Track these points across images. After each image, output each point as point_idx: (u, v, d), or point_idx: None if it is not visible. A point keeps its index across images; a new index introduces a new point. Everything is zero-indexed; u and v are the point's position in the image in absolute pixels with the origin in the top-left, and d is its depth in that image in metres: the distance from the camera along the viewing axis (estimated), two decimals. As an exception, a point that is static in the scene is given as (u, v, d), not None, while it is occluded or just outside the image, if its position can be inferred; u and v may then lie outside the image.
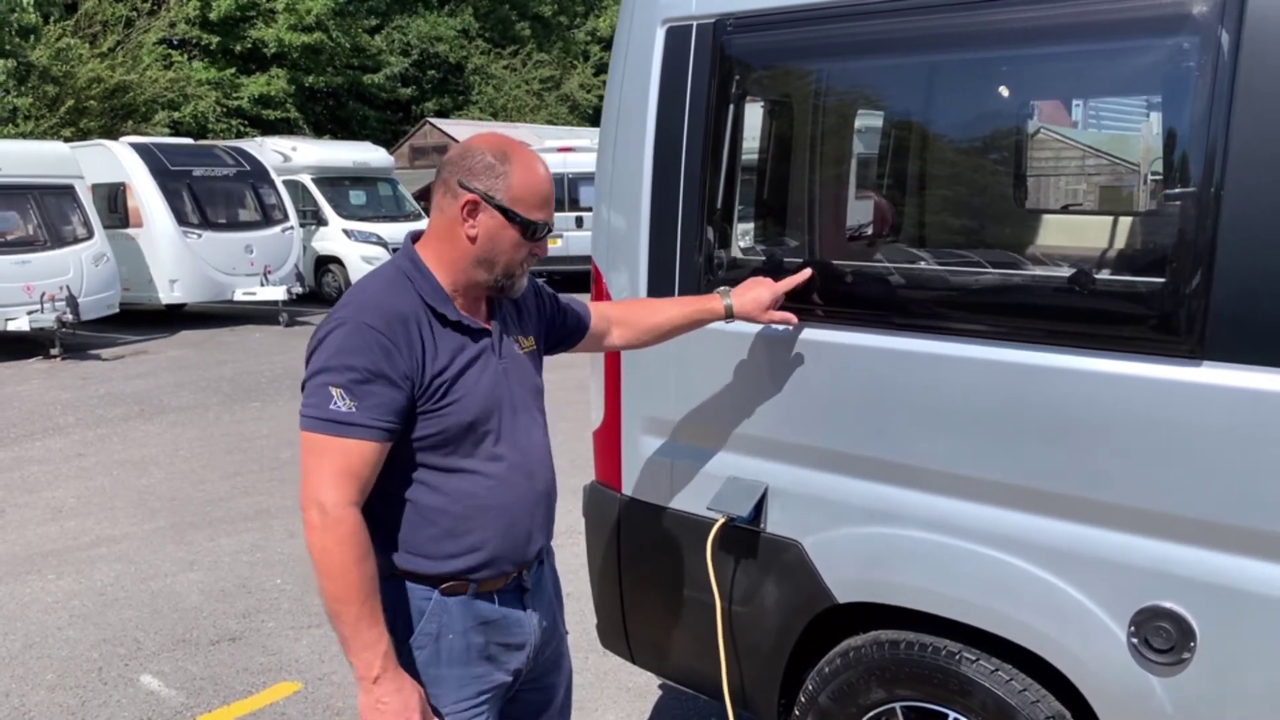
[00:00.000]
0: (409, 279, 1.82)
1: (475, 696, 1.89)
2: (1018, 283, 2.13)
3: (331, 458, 1.68)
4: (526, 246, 1.84)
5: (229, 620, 4.25)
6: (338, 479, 1.67)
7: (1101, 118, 4.40)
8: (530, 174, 1.81)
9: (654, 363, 2.54)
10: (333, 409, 1.67)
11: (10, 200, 11.77)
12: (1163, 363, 1.83)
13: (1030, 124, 2.35)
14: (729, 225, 2.45)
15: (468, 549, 1.83)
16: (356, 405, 1.67)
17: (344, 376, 1.68)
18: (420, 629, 1.84)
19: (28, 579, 4.76)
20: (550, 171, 1.87)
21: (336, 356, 1.69)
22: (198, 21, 25.67)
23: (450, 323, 1.81)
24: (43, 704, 3.57)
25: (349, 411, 1.67)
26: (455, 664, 1.87)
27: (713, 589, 2.44)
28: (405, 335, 1.73)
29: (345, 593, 1.67)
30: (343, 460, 1.67)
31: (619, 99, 2.58)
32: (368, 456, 1.69)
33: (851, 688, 2.29)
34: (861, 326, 2.22)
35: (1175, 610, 1.85)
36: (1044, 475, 1.98)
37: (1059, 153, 4.84)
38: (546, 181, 1.84)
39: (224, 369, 10.46)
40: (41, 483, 6.40)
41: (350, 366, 1.68)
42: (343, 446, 1.68)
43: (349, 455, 1.68)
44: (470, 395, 1.80)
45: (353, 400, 1.67)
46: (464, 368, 1.80)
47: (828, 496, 2.30)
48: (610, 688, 3.60)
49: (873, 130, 2.53)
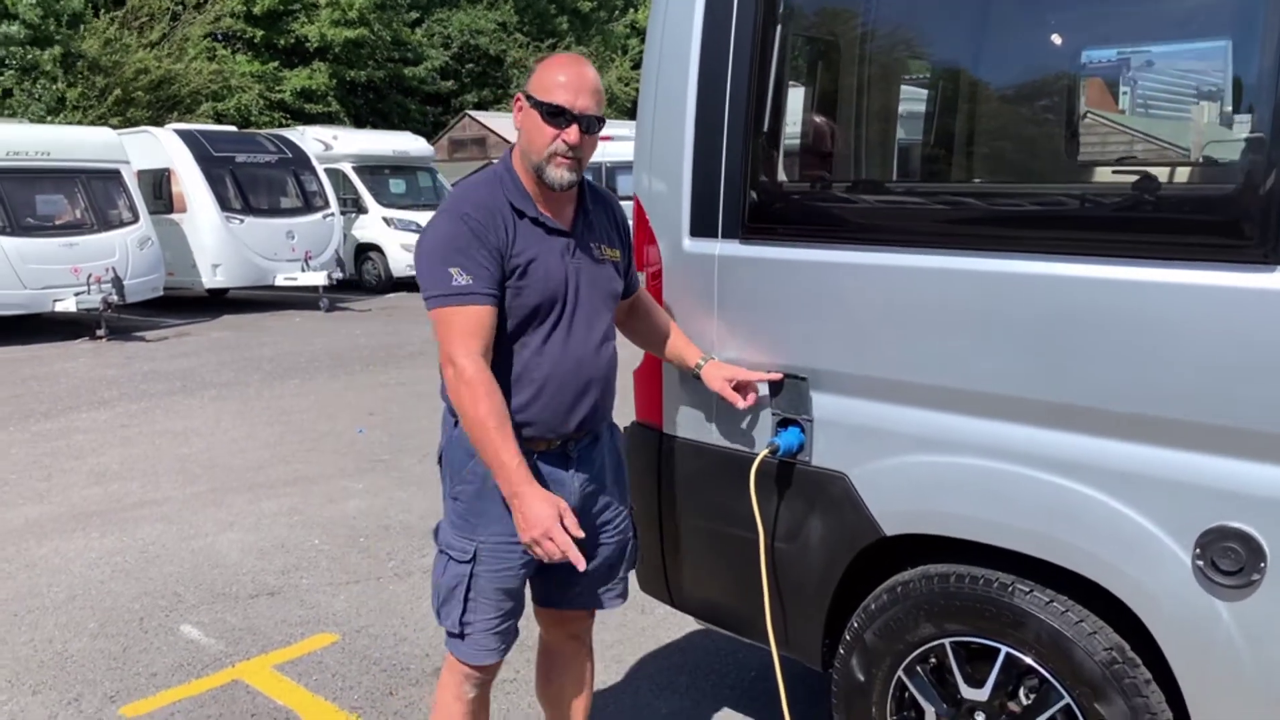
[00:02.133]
0: (500, 180, 2.15)
1: (511, 535, 2.11)
2: (1076, 192, 2.05)
3: (458, 322, 2.02)
4: (551, 130, 2.06)
5: (267, 576, 4.27)
6: (465, 338, 2.02)
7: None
8: (551, 64, 2.10)
9: (695, 298, 2.50)
10: (455, 284, 2.02)
11: (59, 184, 11.99)
12: (1234, 269, 1.75)
13: (1085, 62, 2.26)
14: (775, 153, 2.40)
15: (513, 410, 2.09)
16: (472, 279, 2.02)
17: (455, 258, 2.03)
18: (470, 467, 2.16)
19: (72, 536, 4.82)
20: (590, 70, 2.10)
21: (449, 241, 2.05)
22: (242, 15, 26.00)
23: (529, 218, 2.12)
24: (85, 650, 3.60)
25: (467, 284, 2.02)
26: (496, 502, 2.13)
27: (756, 524, 2.38)
28: (494, 222, 2.07)
29: (477, 426, 2.01)
30: (465, 322, 2.02)
31: (660, 40, 2.53)
32: (484, 319, 2.04)
33: (899, 624, 2.23)
34: (909, 248, 2.15)
35: (1244, 530, 1.77)
36: (1105, 394, 1.90)
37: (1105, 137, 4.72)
38: (564, 68, 2.07)
39: (264, 350, 10.56)
40: (87, 450, 6.49)
41: (459, 248, 2.04)
42: (465, 312, 2.02)
43: (469, 318, 2.02)
44: (538, 280, 2.10)
45: (468, 275, 2.02)
46: (534, 257, 2.10)
47: (875, 426, 2.24)
48: (648, 644, 3.56)
49: (922, 60, 2.46)
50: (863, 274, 2.22)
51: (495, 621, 2.22)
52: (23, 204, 11.58)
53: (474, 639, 2.22)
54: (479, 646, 2.22)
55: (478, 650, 2.23)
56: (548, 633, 2.50)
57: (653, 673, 3.36)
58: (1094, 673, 1.97)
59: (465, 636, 2.22)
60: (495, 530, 2.16)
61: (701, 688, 3.26)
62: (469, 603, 2.19)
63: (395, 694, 3.24)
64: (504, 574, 2.19)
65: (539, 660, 2.55)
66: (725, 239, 2.43)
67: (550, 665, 2.52)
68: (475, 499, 2.17)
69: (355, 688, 3.29)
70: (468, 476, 2.17)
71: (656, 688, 3.26)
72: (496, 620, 2.22)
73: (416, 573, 4.27)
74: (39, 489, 5.65)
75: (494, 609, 2.21)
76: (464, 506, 2.19)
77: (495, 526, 2.16)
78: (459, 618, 2.20)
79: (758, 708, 3.12)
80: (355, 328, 12.12)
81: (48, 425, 7.24)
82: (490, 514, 2.16)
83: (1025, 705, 2.11)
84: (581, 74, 2.07)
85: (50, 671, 3.44)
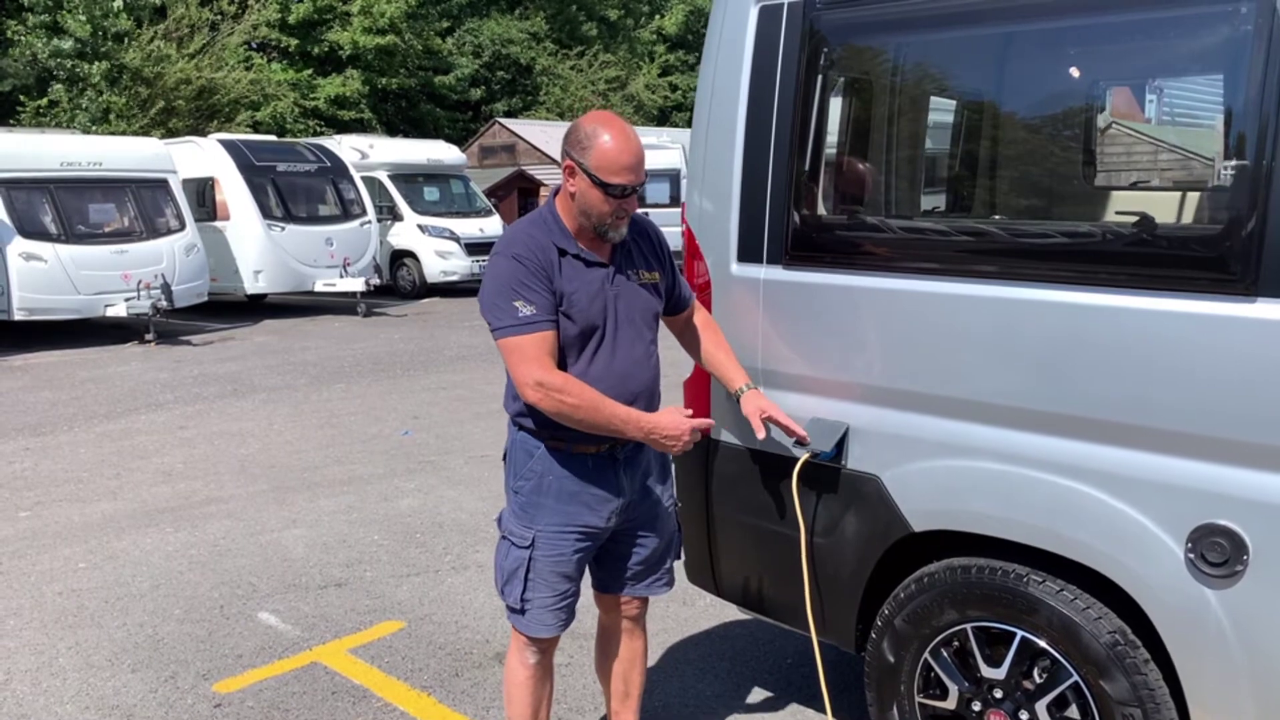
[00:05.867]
0: (544, 222, 2.45)
1: (564, 526, 2.50)
2: (1084, 229, 2.32)
3: (528, 350, 2.32)
4: (613, 202, 2.35)
5: (333, 569, 4.59)
6: (540, 358, 2.32)
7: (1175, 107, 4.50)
8: (610, 146, 2.32)
9: (743, 317, 2.77)
10: (521, 315, 2.32)
11: (109, 193, 12.45)
12: (1220, 300, 2.01)
13: (1103, 104, 2.52)
14: (815, 187, 2.67)
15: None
16: (535, 309, 2.32)
17: (515, 294, 2.33)
18: (529, 467, 2.51)
19: (147, 531, 5.16)
20: (637, 141, 2.35)
21: (507, 281, 2.34)
22: (277, 25, 26.53)
23: (570, 254, 2.41)
24: (174, 634, 3.92)
25: (532, 314, 2.32)
26: (550, 497, 2.50)
27: (797, 521, 2.66)
28: (544, 259, 2.37)
29: (591, 414, 2.35)
30: (534, 347, 2.32)
31: (713, 76, 2.81)
32: (550, 341, 2.35)
33: (926, 610, 2.50)
34: (934, 275, 2.42)
35: (1229, 527, 2.03)
36: (1107, 407, 2.16)
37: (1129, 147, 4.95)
38: (626, 152, 2.32)
39: (308, 354, 10.94)
40: (150, 450, 6.85)
41: (516, 286, 2.33)
42: (534, 338, 2.33)
43: (539, 342, 2.33)
44: (580, 310, 2.39)
45: (531, 306, 2.32)
46: (576, 289, 2.40)
47: (905, 434, 2.51)
48: (691, 633, 3.83)
49: (952, 100, 2.73)
50: (893, 298, 2.49)
51: (551, 600, 2.54)
52: (75, 212, 12.04)
53: (533, 614, 2.54)
54: (537, 621, 2.55)
55: (535, 624, 2.55)
56: (605, 616, 2.80)
57: (695, 659, 3.64)
58: (1099, 654, 2.23)
59: (525, 612, 2.54)
60: (550, 521, 2.50)
61: (741, 672, 3.53)
62: (529, 582, 2.52)
63: (461, 675, 3.54)
64: (558, 559, 2.52)
65: (598, 640, 2.85)
66: (770, 264, 2.71)
67: (608, 644, 2.83)
68: (533, 493, 2.51)
69: (424, 670, 3.59)
70: (527, 474, 2.52)
71: (699, 672, 3.54)
72: (553, 600, 2.54)
73: (472, 567, 4.57)
74: (111, 487, 6.00)
75: (549, 589, 2.53)
76: (524, 499, 2.52)
77: (550, 518, 2.50)
78: (520, 595, 2.53)
79: (794, 691, 3.39)
80: (393, 333, 12.48)
81: (110, 426, 7.62)
82: (545, 507, 2.50)
83: (1038, 683, 2.37)
84: (639, 152, 2.34)
85: (145, 652, 3.77)
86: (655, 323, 2.58)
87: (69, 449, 6.94)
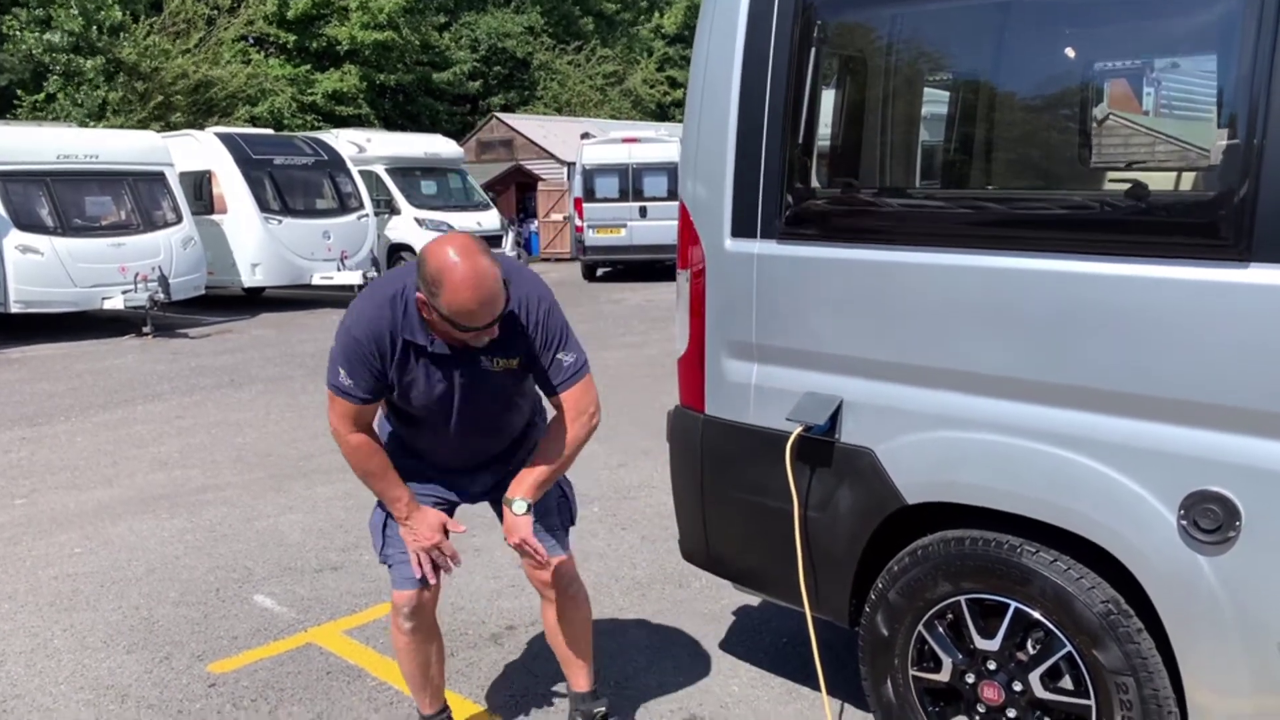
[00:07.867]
0: (404, 306, 2.46)
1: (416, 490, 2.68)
2: (1078, 198, 2.31)
3: (338, 407, 2.54)
4: (472, 334, 2.38)
5: (329, 553, 4.58)
6: (343, 419, 2.55)
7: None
8: (454, 299, 2.29)
9: (735, 292, 2.77)
10: (339, 382, 2.49)
11: (106, 186, 12.44)
12: (1213, 266, 2.01)
13: (1100, 79, 2.52)
14: (809, 161, 2.67)
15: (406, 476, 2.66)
16: (352, 383, 2.49)
17: (343, 363, 2.48)
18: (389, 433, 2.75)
19: (143, 517, 5.15)
20: (489, 282, 2.29)
21: (341, 350, 2.48)
22: (275, 20, 26.47)
23: (414, 346, 2.49)
24: (169, 616, 3.92)
25: (349, 385, 2.49)
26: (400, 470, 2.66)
27: (791, 495, 2.66)
28: (377, 349, 2.46)
29: (367, 476, 2.61)
30: (344, 409, 2.53)
31: (707, 48, 2.80)
32: (361, 413, 2.54)
33: (919, 583, 2.50)
34: (929, 246, 2.42)
35: (1221, 493, 2.02)
36: (1100, 375, 2.16)
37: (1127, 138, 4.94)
38: (472, 301, 2.29)
39: (305, 346, 10.93)
40: (147, 439, 6.85)
41: (347, 359, 2.47)
42: (344, 403, 2.52)
43: (348, 408, 2.53)
44: (417, 396, 2.55)
45: (350, 379, 2.48)
46: (413, 379, 2.53)
47: (899, 406, 2.50)
48: (685, 614, 3.83)
49: (946, 73, 2.72)
50: (887, 270, 2.49)
51: (406, 556, 2.64)
52: (72, 205, 12.03)
53: (395, 570, 2.69)
54: (399, 576, 2.68)
55: (397, 579, 2.68)
56: (534, 586, 2.85)
57: (690, 640, 3.63)
58: (1092, 623, 2.23)
59: (391, 568, 2.71)
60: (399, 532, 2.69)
61: (737, 653, 3.53)
62: (386, 538, 2.71)
63: (455, 655, 3.53)
64: None
65: (541, 612, 2.89)
66: (764, 239, 2.70)
67: (546, 613, 2.87)
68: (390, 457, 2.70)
69: (419, 650, 3.58)
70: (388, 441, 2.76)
71: (694, 654, 3.54)
72: (407, 556, 2.65)
73: (467, 550, 4.55)
74: (107, 474, 6.00)
75: (404, 545, 2.65)
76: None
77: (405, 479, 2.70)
78: (381, 549, 2.73)
79: (789, 669, 3.39)
80: (390, 325, 12.46)
81: (107, 416, 7.61)
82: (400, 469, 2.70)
83: (1032, 654, 2.37)
84: (491, 294, 2.29)
85: (140, 634, 3.76)
86: (508, 402, 2.69)
87: (65, 438, 6.93)
